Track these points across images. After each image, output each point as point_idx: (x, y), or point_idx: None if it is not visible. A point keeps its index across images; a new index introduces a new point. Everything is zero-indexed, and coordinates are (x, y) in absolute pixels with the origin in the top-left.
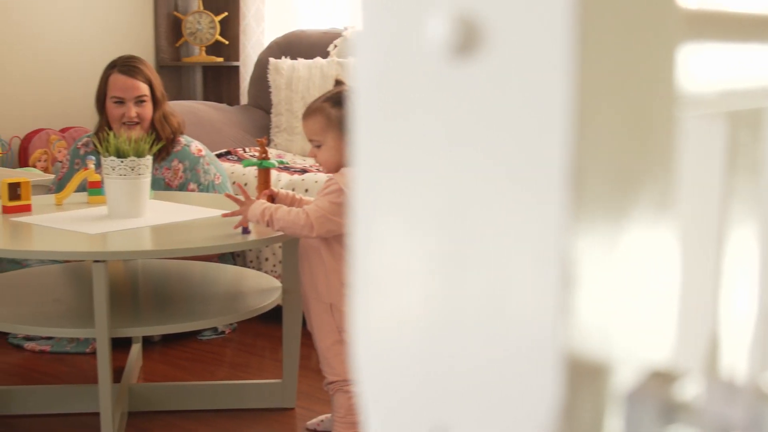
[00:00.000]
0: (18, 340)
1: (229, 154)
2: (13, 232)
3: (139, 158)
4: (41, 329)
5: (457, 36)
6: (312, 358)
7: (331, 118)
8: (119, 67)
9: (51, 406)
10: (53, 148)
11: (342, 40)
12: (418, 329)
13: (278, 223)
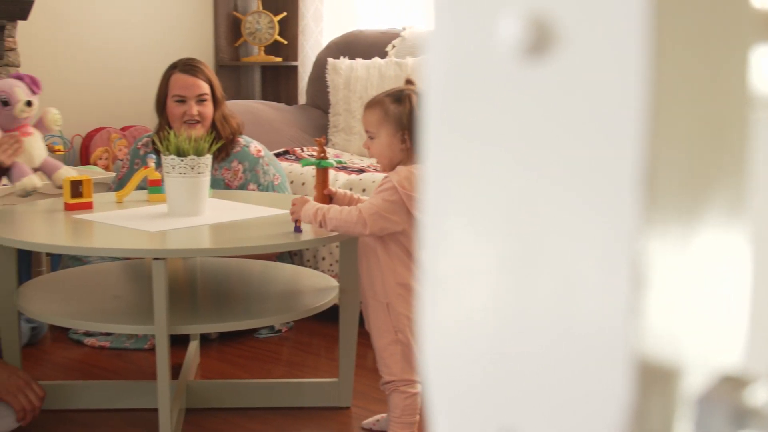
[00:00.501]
0: (78, 336)
1: (287, 153)
2: (74, 229)
3: (199, 157)
4: (101, 325)
5: (530, 36)
6: (368, 357)
7: (389, 113)
8: (180, 67)
9: (110, 402)
10: (114, 147)
11: (400, 41)
12: (487, 330)
13: (331, 223)
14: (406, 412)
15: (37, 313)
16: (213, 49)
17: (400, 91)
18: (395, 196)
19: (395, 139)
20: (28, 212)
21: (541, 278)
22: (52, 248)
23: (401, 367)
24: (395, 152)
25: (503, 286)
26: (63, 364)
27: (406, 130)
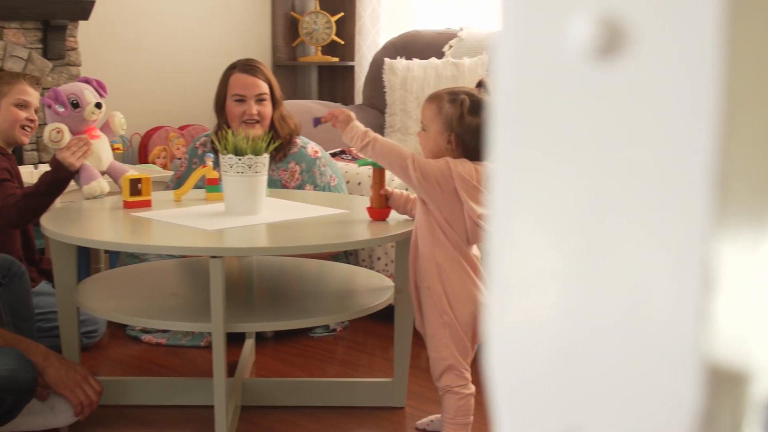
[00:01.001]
0: (136, 333)
1: (343, 153)
2: (133, 226)
3: (257, 156)
4: (158, 322)
5: (601, 38)
6: (422, 357)
7: (442, 111)
8: (240, 67)
9: (166, 398)
10: (172, 146)
11: (457, 41)
12: (554, 332)
13: (380, 148)
14: (459, 413)
15: (95, 310)
16: (270, 49)
17: (456, 93)
18: (447, 170)
19: (441, 138)
20: (87, 210)
21: (610, 280)
22: (111, 245)
23: (450, 351)
24: (440, 149)
25: (571, 287)
26: (120, 360)
27: (453, 133)
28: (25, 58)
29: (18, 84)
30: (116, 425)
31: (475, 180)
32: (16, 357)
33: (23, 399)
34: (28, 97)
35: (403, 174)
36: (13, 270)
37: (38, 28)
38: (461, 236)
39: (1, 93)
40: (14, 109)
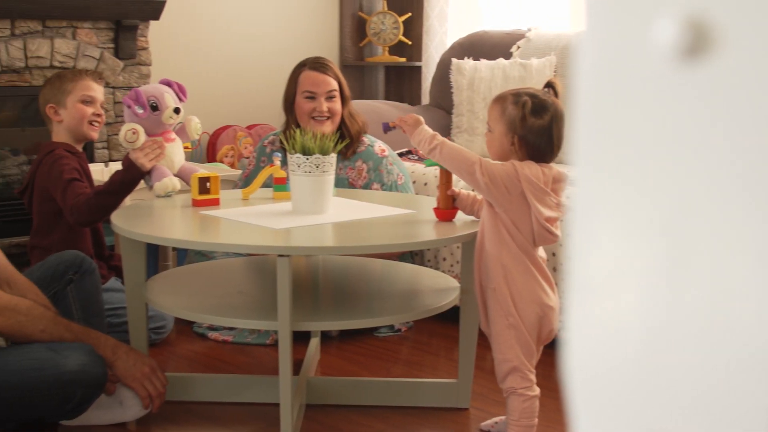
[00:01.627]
0: (202, 330)
1: (410, 153)
2: (201, 224)
3: (324, 156)
4: (225, 320)
5: (687, 39)
6: (487, 359)
7: (505, 112)
8: (310, 65)
9: (231, 395)
10: (240, 145)
11: (525, 41)
12: (636, 334)
13: (448, 153)
14: (524, 415)
15: (164, 306)
16: (338, 50)
17: (519, 94)
18: (513, 174)
19: (506, 139)
20: (156, 208)
21: (695, 282)
22: (180, 243)
23: (516, 353)
24: (505, 150)
25: (655, 289)
26: (187, 356)
27: (516, 134)
28: (97, 57)
29: (82, 80)
30: (182, 421)
31: (542, 182)
32: (87, 352)
33: (93, 393)
34: (93, 93)
35: (470, 178)
36: (84, 266)
37: (110, 27)
38: (527, 238)
39: (66, 91)
40: (80, 106)
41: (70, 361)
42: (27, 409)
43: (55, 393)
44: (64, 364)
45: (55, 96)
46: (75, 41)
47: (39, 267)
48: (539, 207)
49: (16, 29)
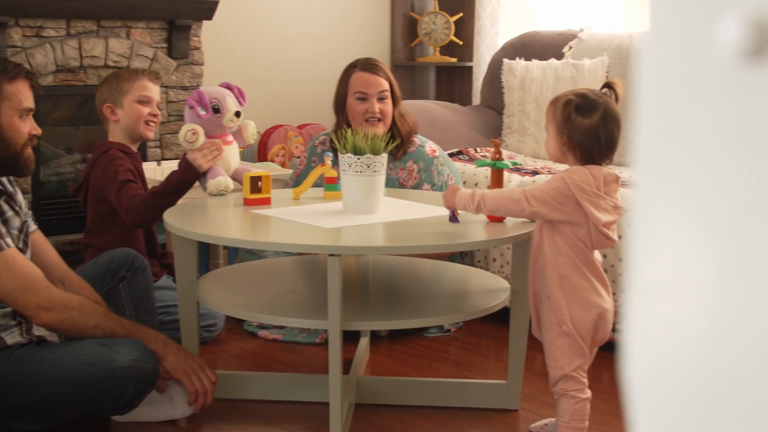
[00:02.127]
0: (252, 328)
1: (460, 153)
2: (252, 223)
3: (375, 155)
4: (276, 318)
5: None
6: (537, 360)
7: (556, 113)
8: (361, 66)
9: (281, 393)
10: (291, 144)
11: (577, 42)
12: (698, 338)
13: (491, 202)
14: (575, 418)
15: (215, 304)
16: (389, 50)
17: (574, 94)
18: (564, 187)
19: (558, 140)
20: (208, 207)
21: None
22: (232, 242)
23: (568, 360)
24: (558, 151)
25: (717, 292)
26: (237, 354)
27: (565, 134)
28: (151, 57)
29: (138, 80)
30: (232, 418)
31: (594, 187)
32: (138, 347)
33: (144, 389)
34: (150, 93)
35: (522, 214)
36: (136, 264)
37: (163, 27)
38: (585, 244)
39: (123, 91)
40: (137, 106)
41: (122, 357)
42: (79, 404)
43: (107, 388)
44: (116, 360)
45: (112, 95)
46: (129, 41)
47: (92, 264)
48: (596, 213)
49: (72, 29)
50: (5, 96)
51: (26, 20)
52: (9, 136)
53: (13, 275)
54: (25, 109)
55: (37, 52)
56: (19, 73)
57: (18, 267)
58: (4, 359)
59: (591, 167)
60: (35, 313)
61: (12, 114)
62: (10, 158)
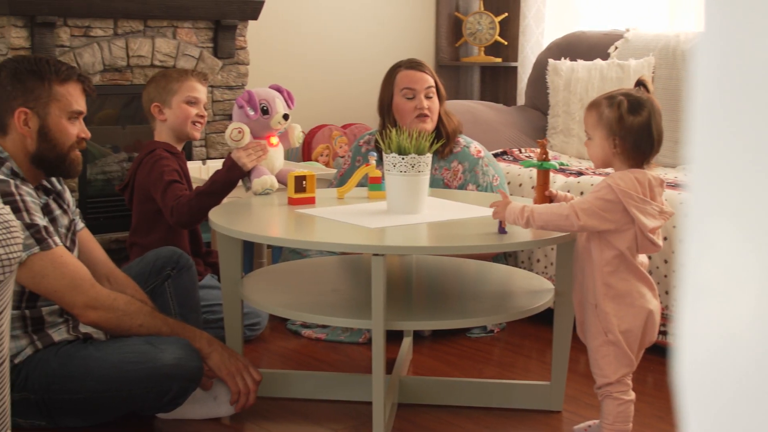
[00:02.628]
0: (296, 327)
1: (504, 154)
2: (297, 223)
3: (420, 155)
4: (320, 317)
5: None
6: (580, 361)
7: (602, 117)
8: (405, 65)
9: (324, 392)
10: (335, 144)
11: (623, 42)
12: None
13: (540, 218)
14: (619, 419)
15: (259, 303)
16: (434, 50)
17: (613, 96)
18: (611, 194)
19: (607, 143)
20: (253, 206)
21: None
22: (277, 241)
23: (614, 369)
24: (607, 155)
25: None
26: (281, 353)
27: (617, 137)
28: (197, 56)
29: (187, 81)
30: (275, 417)
31: (640, 192)
32: (183, 346)
33: (189, 387)
34: (198, 94)
35: (573, 229)
36: (181, 263)
37: (209, 27)
38: (631, 248)
39: (172, 91)
40: (185, 106)
41: (167, 355)
42: (124, 401)
43: (152, 386)
44: (161, 358)
45: (160, 95)
46: (175, 40)
47: (137, 263)
48: (643, 219)
49: (119, 29)
50: (55, 97)
51: (74, 20)
52: (56, 137)
53: (60, 273)
54: (74, 112)
55: (85, 52)
56: (71, 75)
57: (65, 265)
58: (52, 356)
59: (635, 171)
60: (81, 312)
61: (60, 116)
62: (56, 159)
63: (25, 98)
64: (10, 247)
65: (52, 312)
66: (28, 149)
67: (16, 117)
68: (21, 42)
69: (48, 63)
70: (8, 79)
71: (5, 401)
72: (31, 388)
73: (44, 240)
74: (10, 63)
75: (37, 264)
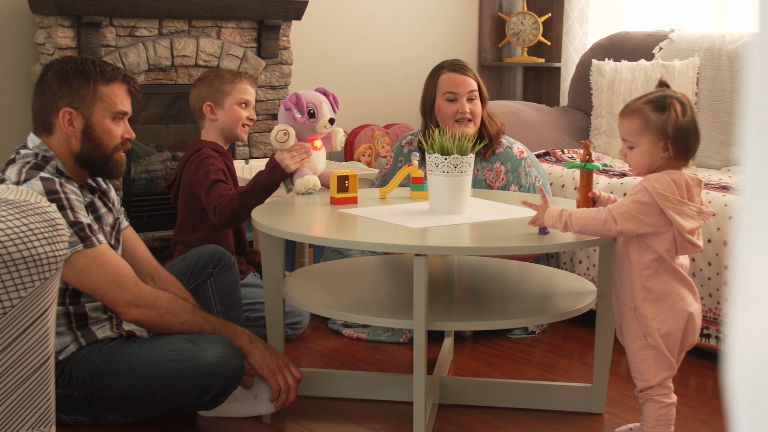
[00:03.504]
0: (337, 326)
1: (547, 155)
2: (339, 222)
3: (463, 156)
4: (361, 317)
5: None
6: (622, 364)
7: (650, 122)
8: (448, 67)
9: (365, 392)
10: (377, 144)
11: (668, 42)
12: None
13: (578, 223)
14: (660, 423)
15: (300, 302)
16: (476, 50)
17: (662, 97)
18: (647, 197)
19: (656, 148)
20: (296, 205)
21: None
22: (319, 240)
23: (654, 373)
24: (655, 161)
25: None
26: (322, 352)
27: (669, 140)
28: (240, 56)
29: (240, 83)
30: (316, 416)
31: (677, 193)
32: (225, 344)
33: (230, 385)
34: (249, 96)
35: (611, 234)
36: (224, 261)
37: (253, 27)
38: (670, 250)
39: (225, 92)
40: (237, 108)
41: (209, 353)
42: (166, 399)
43: (194, 384)
44: (203, 356)
45: (213, 95)
46: (219, 40)
47: (180, 260)
48: (680, 221)
49: (164, 29)
50: (99, 97)
51: (120, 20)
52: (99, 137)
53: (104, 271)
54: (118, 112)
55: (130, 52)
56: (116, 76)
57: (108, 263)
58: (95, 353)
59: (671, 172)
60: (124, 309)
61: (104, 116)
62: (100, 159)
63: (70, 98)
64: (56, 245)
65: (95, 308)
66: (73, 149)
67: (60, 117)
68: (68, 42)
69: (93, 63)
70: (54, 79)
71: (50, 397)
72: (74, 385)
73: (88, 237)
74: (56, 63)
75: (80, 261)
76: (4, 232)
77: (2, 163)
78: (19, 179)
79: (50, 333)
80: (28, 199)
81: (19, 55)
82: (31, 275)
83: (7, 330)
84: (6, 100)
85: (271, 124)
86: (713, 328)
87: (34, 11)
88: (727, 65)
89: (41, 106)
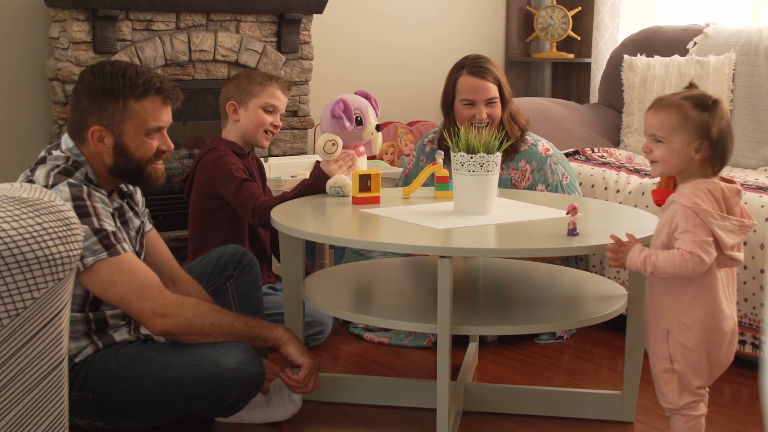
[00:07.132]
0: (358, 330)
1: (576, 154)
2: (361, 222)
3: (489, 155)
4: (383, 321)
5: None
6: None
7: (689, 119)
8: (468, 69)
9: (386, 398)
10: (400, 142)
11: (702, 38)
12: None
13: (664, 272)
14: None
15: (320, 305)
16: (504, 45)
17: (704, 96)
18: (696, 219)
19: (689, 148)
20: (316, 205)
21: None
22: (340, 241)
23: (677, 396)
24: (685, 161)
25: None
26: (342, 357)
27: (706, 140)
28: (260, 51)
29: (270, 87)
30: (336, 422)
31: (718, 209)
32: (245, 350)
33: (250, 392)
34: (278, 102)
35: (704, 270)
36: (245, 261)
37: (273, 21)
38: (710, 269)
39: (252, 93)
40: (261, 112)
41: (228, 360)
42: (184, 404)
43: (213, 390)
44: (222, 362)
45: (239, 95)
46: (238, 35)
47: (200, 261)
48: (724, 238)
49: (181, 23)
50: (130, 115)
51: (136, 14)
52: (132, 152)
53: (128, 280)
54: (151, 129)
55: (147, 46)
56: (149, 90)
57: (133, 272)
58: (111, 356)
59: (705, 182)
60: (149, 321)
61: (137, 133)
62: (133, 172)
63: (99, 116)
64: (71, 244)
65: (115, 315)
66: (105, 162)
67: (90, 134)
68: (82, 36)
69: (124, 76)
70: (84, 93)
71: (63, 400)
72: (89, 388)
73: (112, 246)
74: (88, 75)
75: (104, 271)
76: (17, 231)
77: (19, 160)
78: (47, 183)
79: (64, 335)
80: (42, 198)
81: (34, 50)
82: (45, 276)
83: (19, 332)
84: (20, 95)
85: (290, 122)
86: (749, 334)
87: (48, 5)
88: (765, 61)
89: (74, 117)
